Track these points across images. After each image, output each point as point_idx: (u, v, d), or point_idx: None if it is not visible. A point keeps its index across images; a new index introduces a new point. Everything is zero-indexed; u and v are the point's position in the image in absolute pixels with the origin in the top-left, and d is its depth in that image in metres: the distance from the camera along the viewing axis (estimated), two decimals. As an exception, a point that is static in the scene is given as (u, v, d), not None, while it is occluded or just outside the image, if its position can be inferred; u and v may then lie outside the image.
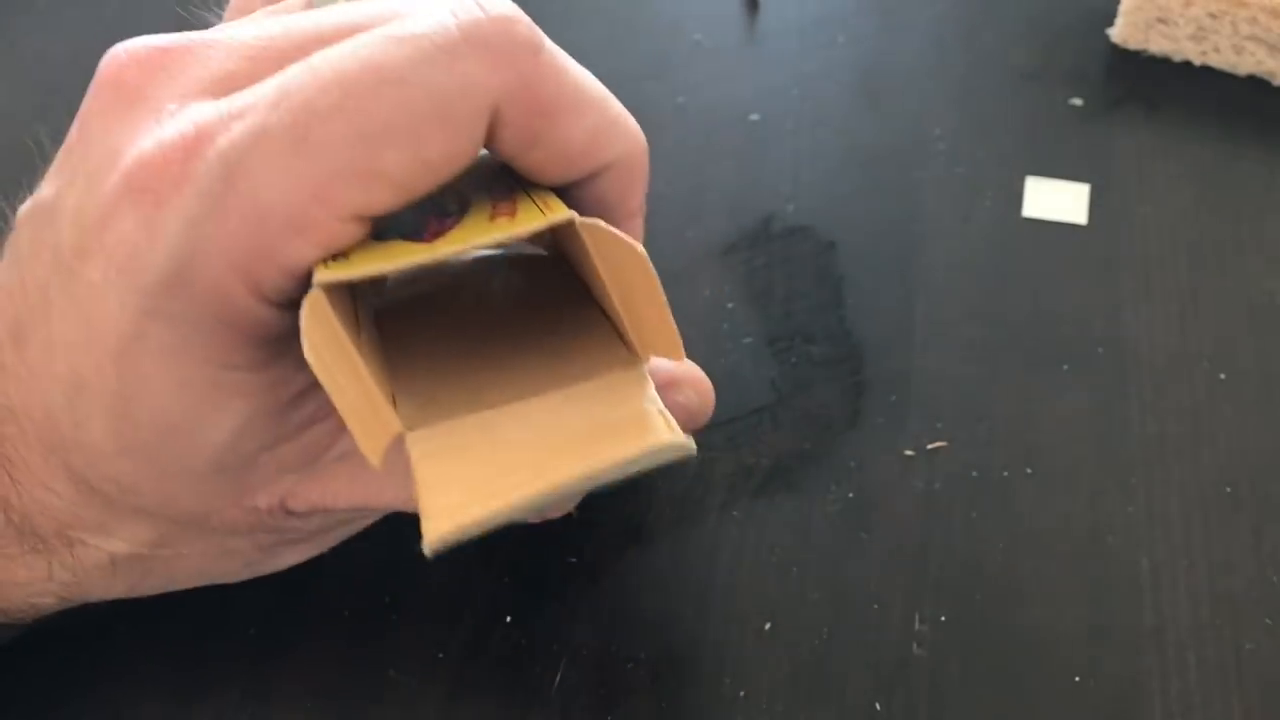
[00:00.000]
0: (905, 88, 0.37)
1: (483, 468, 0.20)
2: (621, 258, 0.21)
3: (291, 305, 0.20)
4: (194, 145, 0.20)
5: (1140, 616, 0.26)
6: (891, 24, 0.40)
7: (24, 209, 0.22)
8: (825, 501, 0.28)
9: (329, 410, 0.23)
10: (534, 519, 0.26)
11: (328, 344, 0.19)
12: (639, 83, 0.37)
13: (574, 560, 0.27)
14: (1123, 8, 0.37)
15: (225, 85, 0.21)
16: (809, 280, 0.33)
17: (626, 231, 0.22)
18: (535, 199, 0.21)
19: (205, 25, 0.24)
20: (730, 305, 0.32)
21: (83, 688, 0.26)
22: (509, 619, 0.26)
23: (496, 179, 0.23)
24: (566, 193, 0.22)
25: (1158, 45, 0.38)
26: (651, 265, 0.21)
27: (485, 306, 0.25)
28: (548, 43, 0.21)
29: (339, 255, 0.20)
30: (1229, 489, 0.28)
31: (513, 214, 0.21)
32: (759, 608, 0.26)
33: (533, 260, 0.26)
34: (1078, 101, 0.37)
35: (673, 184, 0.35)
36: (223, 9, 0.28)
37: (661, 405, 0.21)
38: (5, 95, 0.39)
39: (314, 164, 0.19)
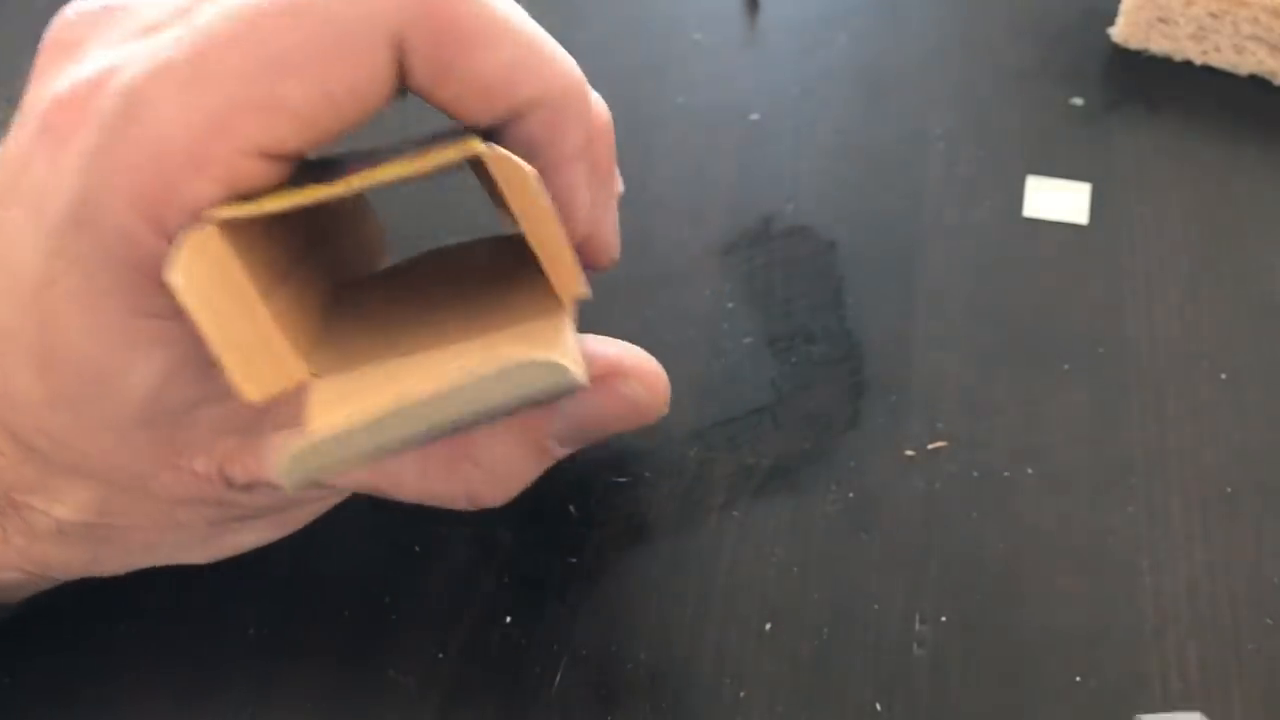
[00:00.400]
0: (906, 87, 0.37)
1: (358, 401, 0.19)
2: (516, 183, 0.20)
3: None
4: (100, 80, 0.19)
5: (1141, 617, 0.26)
6: (892, 23, 0.39)
7: None
8: (825, 501, 0.28)
9: None
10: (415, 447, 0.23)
11: (216, 280, 0.19)
12: (639, 82, 0.37)
13: (574, 560, 0.27)
14: (1123, 7, 0.37)
15: (154, 32, 0.21)
16: (809, 280, 0.33)
17: (565, 177, 0.22)
18: (460, 139, 0.21)
19: None
20: (730, 305, 0.32)
21: (83, 688, 0.26)
22: (509, 619, 0.26)
23: (440, 136, 0.22)
24: (497, 137, 0.21)
25: (1158, 45, 0.38)
26: (542, 188, 0.20)
27: (460, 277, 0.25)
28: None
29: (250, 197, 0.20)
30: (1230, 489, 0.28)
31: (427, 151, 0.20)
32: (759, 608, 0.26)
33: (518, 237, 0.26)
34: (1078, 101, 0.37)
35: (673, 184, 0.35)
36: None
37: (571, 341, 0.20)
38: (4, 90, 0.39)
39: (211, 95, 0.19)
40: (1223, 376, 0.30)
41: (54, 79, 0.21)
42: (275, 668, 0.26)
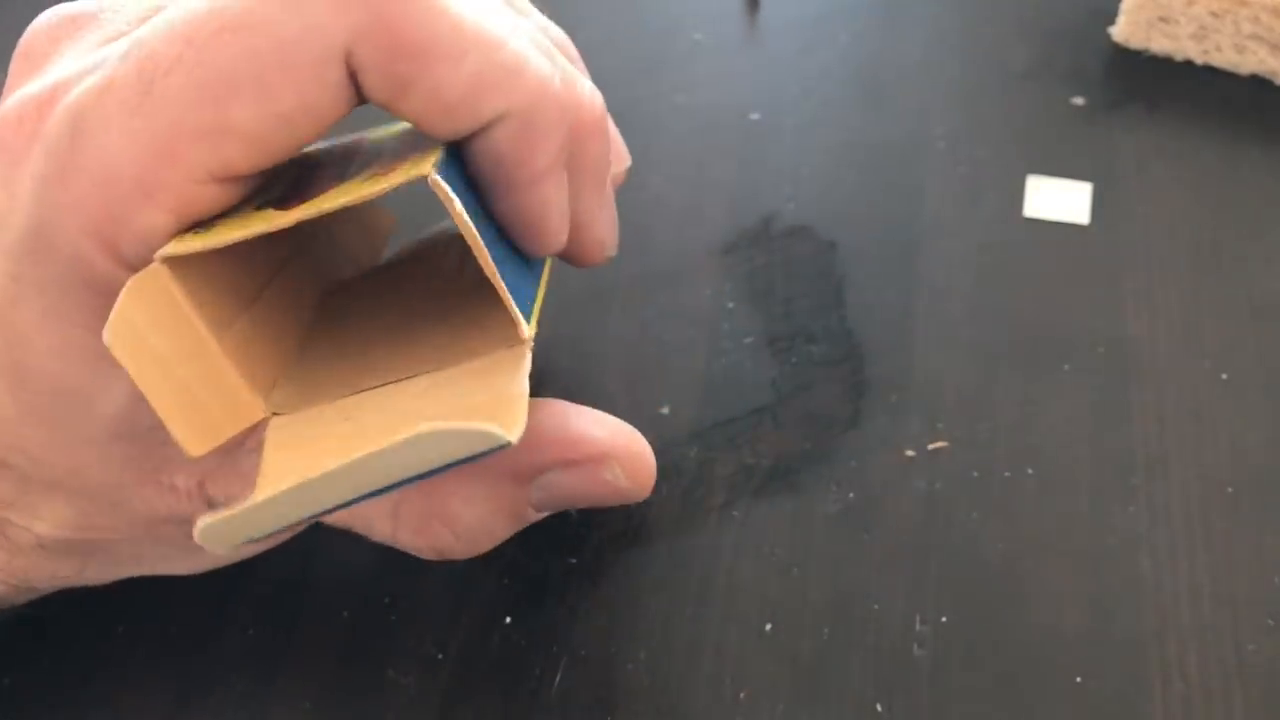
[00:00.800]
0: (906, 86, 0.37)
1: (311, 457, 0.18)
2: (457, 221, 0.19)
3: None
4: (47, 99, 0.19)
5: (1141, 617, 0.26)
6: (892, 22, 0.39)
7: None
8: (826, 502, 0.28)
9: None
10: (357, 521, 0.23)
11: (163, 320, 0.18)
12: (638, 81, 0.37)
13: (574, 560, 0.27)
14: (1124, 7, 0.37)
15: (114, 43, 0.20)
16: (809, 280, 0.33)
17: (531, 199, 0.21)
18: (421, 157, 0.20)
19: None
20: (730, 305, 0.32)
21: (83, 687, 0.26)
22: (509, 619, 0.26)
23: (416, 138, 0.21)
24: (466, 150, 0.20)
25: (1159, 44, 0.38)
26: (474, 228, 0.19)
27: (429, 286, 0.24)
28: None
29: (204, 224, 0.19)
30: (1231, 489, 0.28)
31: (386, 173, 0.19)
32: (759, 608, 0.26)
33: None
34: (1079, 101, 0.37)
35: (673, 184, 0.35)
36: None
37: (521, 389, 0.19)
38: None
39: (157, 120, 0.18)
40: (1224, 376, 0.30)
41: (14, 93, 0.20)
42: (275, 668, 0.26)
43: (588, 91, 0.22)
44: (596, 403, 0.24)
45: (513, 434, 0.18)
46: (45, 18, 0.22)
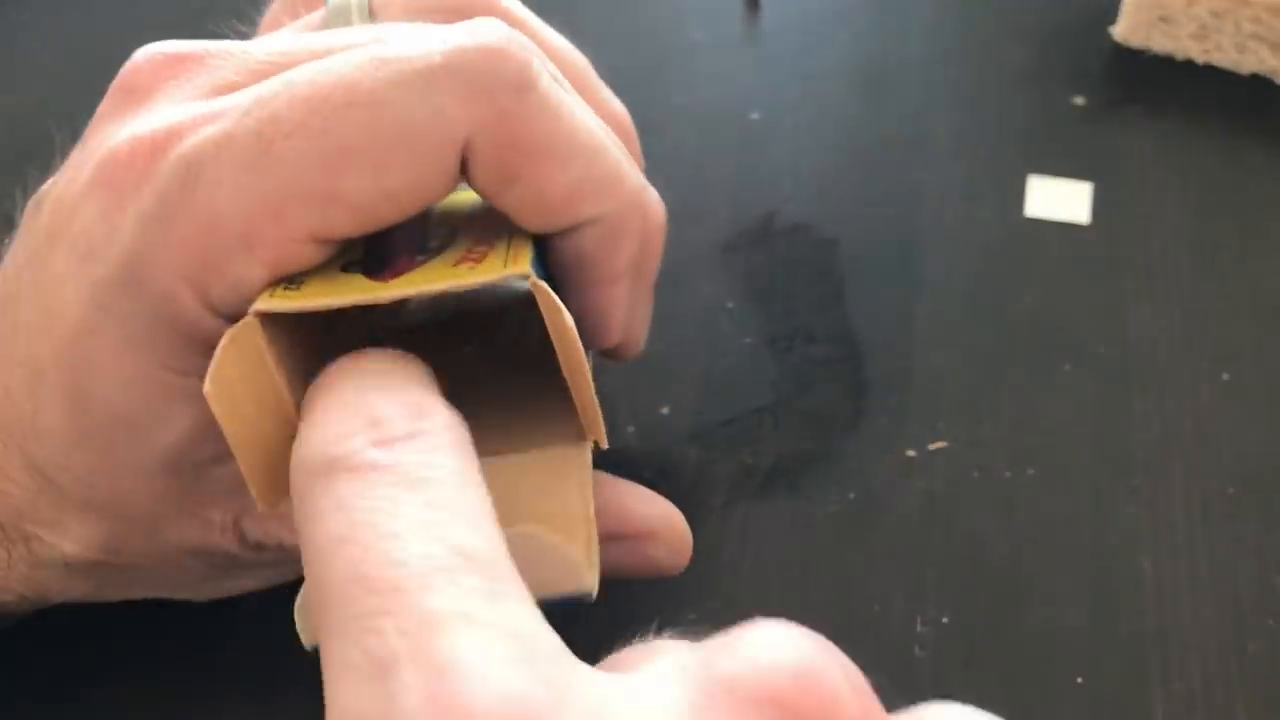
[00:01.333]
0: (906, 86, 0.37)
1: None
2: (557, 328, 0.19)
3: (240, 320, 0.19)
4: (162, 143, 0.19)
5: (1142, 618, 0.26)
6: (892, 22, 0.39)
7: (30, 201, 0.22)
8: (826, 502, 0.28)
9: None
10: None
11: (250, 374, 0.19)
12: (639, 82, 0.37)
13: (574, 561, 0.27)
14: (1125, 6, 0.37)
15: (225, 94, 0.20)
16: (809, 279, 0.32)
17: (605, 297, 0.22)
18: (511, 248, 0.20)
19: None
20: (730, 305, 0.32)
21: (83, 688, 0.26)
22: (508, 620, 0.26)
23: (489, 221, 0.22)
24: (550, 242, 0.21)
25: (1160, 44, 0.38)
26: (579, 342, 0.19)
27: (484, 353, 0.24)
28: (543, 82, 0.20)
29: (293, 279, 0.19)
30: (1231, 490, 0.28)
31: (479, 262, 0.20)
32: (759, 608, 0.26)
33: None
34: (1080, 100, 0.37)
35: (673, 183, 0.35)
36: (247, 28, 0.28)
37: (589, 513, 0.20)
38: (12, 89, 0.39)
39: (271, 180, 0.19)
40: (1224, 376, 0.30)
41: (116, 127, 0.21)
42: (275, 668, 0.26)
43: (655, 197, 0.23)
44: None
45: (593, 588, 0.19)
46: (148, 53, 0.22)
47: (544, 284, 0.19)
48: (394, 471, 0.16)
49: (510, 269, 0.19)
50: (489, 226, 0.22)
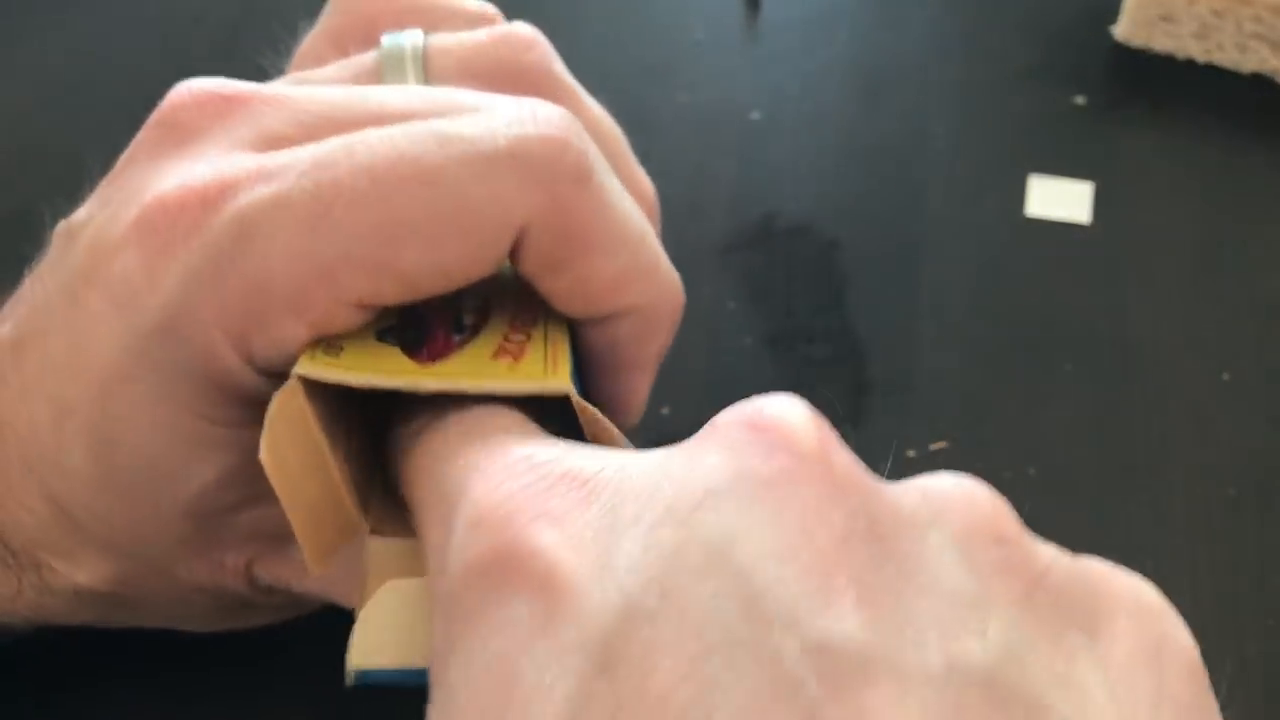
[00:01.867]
0: (907, 85, 0.37)
1: (422, 616, 0.19)
2: (604, 439, 0.20)
3: (277, 375, 0.20)
4: (214, 197, 0.19)
5: (1142, 618, 0.26)
6: (893, 21, 0.39)
7: (60, 226, 0.22)
8: (826, 502, 0.28)
9: None
10: None
11: (294, 436, 0.19)
12: (640, 81, 0.37)
13: (574, 561, 0.27)
14: (1126, 5, 0.37)
15: (273, 145, 0.20)
16: (810, 280, 0.32)
17: (634, 382, 0.23)
18: (548, 343, 0.21)
19: (261, 73, 0.23)
20: (730, 305, 0.32)
21: (83, 688, 0.26)
22: (508, 620, 0.26)
23: (523, 295, 0.22)
24: (584, 328, 0.22)
25: (1161, 43, 0.37)
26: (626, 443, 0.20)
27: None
28: (598, 174, 0.20)
29: (332, 341, 0.20)
30: (1232, 490, 0.28)
31: (518, 357, 0.20)
32: (759, 609, 0.26)
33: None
34: (1081, 100, 0.37)
35: (673, 183, 0.35)
36: (281, 59, 0.28)
37: None
38: (6, 89, 0.39)
39: (325, 246, 0.19)
40: (1225, 377, 0.30)
41: (159, 168, 0.20)
42: (275, 668, 0.26)
43: (678, 279, 0.23)
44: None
45: None
46: (191, 89, 0.21)
47: (590, 408, 0.19)
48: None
49: (550, 380, 0.20)
50: (523, 304, 0.22)
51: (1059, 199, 0.34)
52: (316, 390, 0.19)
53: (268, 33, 0.28)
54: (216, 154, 0.20)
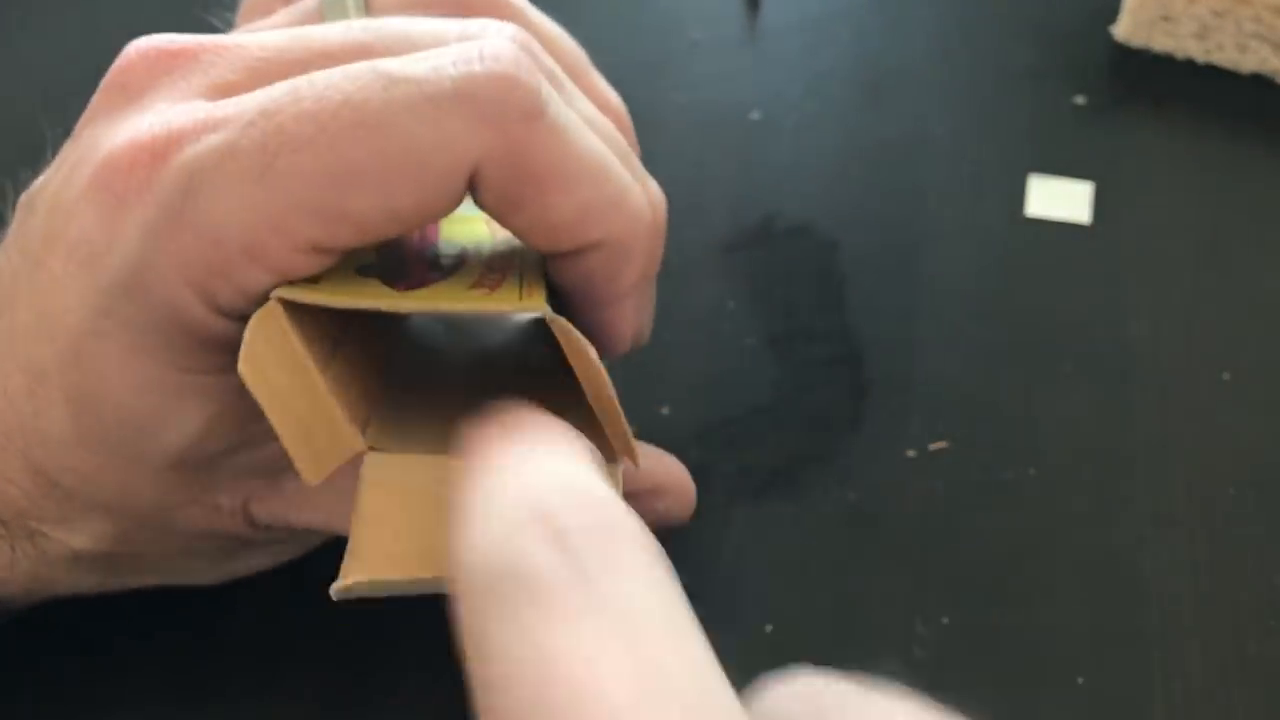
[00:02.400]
0: (907, 85, 0.37)
1: (418, 524, 0.20)
2: (582, 363, 0.20)
3: (247, 320, 0.19)
4: (162, 149, 0.19)
5: (1143, 618, 0.26)
6: (893, 21, 0.39)
7: (21, 198, 0.22)
8: (825, 501, 0.28)
9: None
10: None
11: (278, 356, 0.19)
12: (640, 81, 0.37)
13: (574, 561, 0.27)
14: (1126, 5, 0.37)
15: (223, 93, 0.20)
16: (810, 280, 0.32)
17: (613, 314, 0.23)
18: (524, 276, 0.21)
19: (211, 29, 0.23)
20: (730, 305, 0.32)
21: (83, 688, 0.26)
22: (508, 620, 0.26)
23: (501, 242, 0.22)
24: (556, 263, 0.22)
25: (1161, 43, 0.37)
26: (604, 372, 0.20)
27: (518, 374, 0.25)
28: (550, 109, 0.20)
29: (306, 282, 0.20)
30: (1232, 490, 0.28)
31: (493, 288, 0.20)
32: (759, 609, 0.26)
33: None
34: (1081, 100, 0.37)
35: (673, 184, 0.35)
36: (234, 13, 0.28)
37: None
38: (6, 88, 0.39)
39: (275, 194, 0.19)
40: (1225, 376, 0.30)
41: (111, 126, 0.20)
42: (275, 668, 0.26)
43: (656, 192, 0.23)
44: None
45: None
46: (140, 48, 0.21)
47: (565, 323, 0.19)
48: (579, 587, 0.14)
49: (526, 302, 0.20)
50: (498, 250, 0.22)
51: (1059, 199, 0.34)
52: (298, 314, 0.19)
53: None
54: (165, 106, 0.20)
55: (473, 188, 0.20)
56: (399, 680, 0.26)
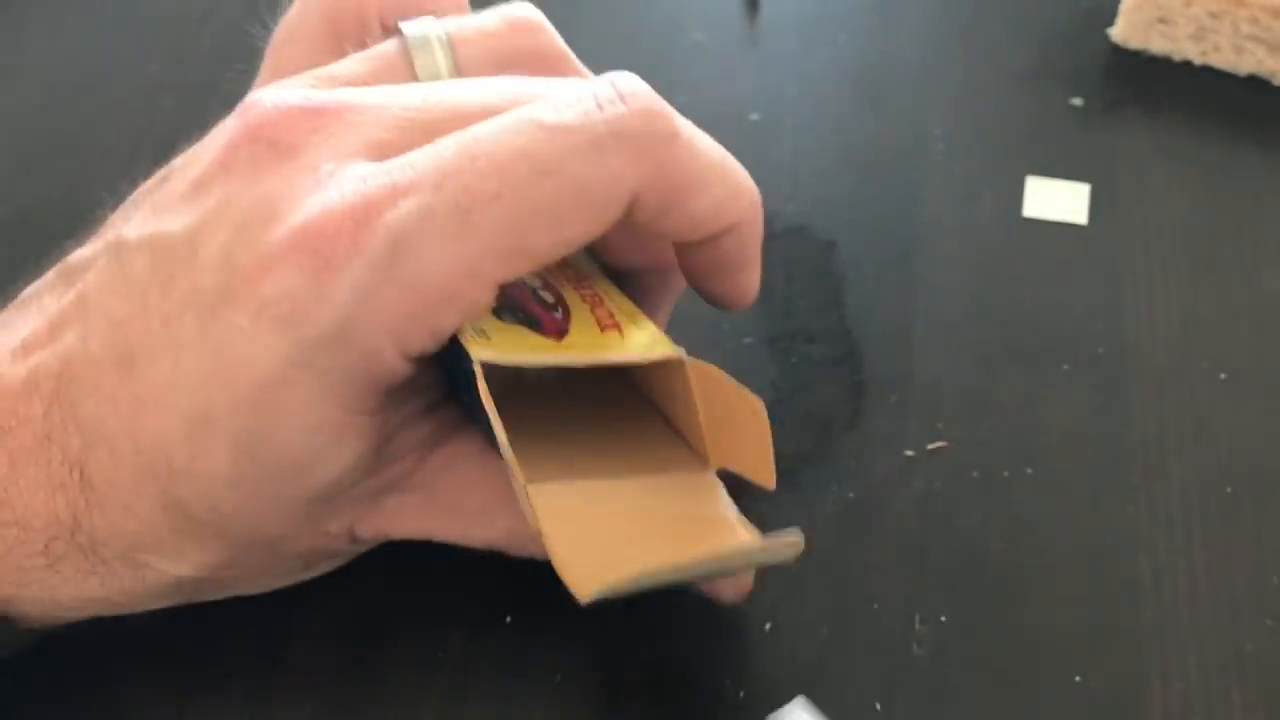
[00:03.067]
0: (905, 87, 0.37)
1: (607, 535, 0.23)
2: (729, 401, 0.24)
3: (422, 360, 0.22)
4: (364, 217, 0.21)
5: (1140, 617, 0.26)
6: (892, 23, 0.40)
7: (140, 233, 0.23)
8: (825, 502, 0.28)
9: (410, 447, 0.25)
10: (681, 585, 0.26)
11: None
12: (639, 82, 0.37)
13: (574, 560, 0.27)
14: (1123, 7, 0.37)
15: (381, 152, 0.22)
16: (809, 280, 0.33)
17: (746, 277, 0.26)
18: (614, 301, 0.25)
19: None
20: (730, 305, 0.32)
21: (83, 688, 0.26)
22: (509, 619, 0.26)
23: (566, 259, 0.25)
24: (690, 248, 0.25)
25: (1158, 45, 0.38)
26: (765, 412, 0.24)
27: (561, 381, 0.27)
28: (683, 129, 0.22)
29: (489, 337, 0.22)
30: (1229, 489, 0.28)
31: (618, 328, 0.24)
32: (759, 608, 0.26)
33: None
34: (1078, 101, 0.37)
35: (673, 184, 0.35)
36: (257, 30, 0.28)
37: (739, 514, 0.25)
38: (6, 91, 0.39)
39: (473, 245, 0.21)
40: (1222, 376, 0.30)
41: (285, 190, 0.22)
42: (276, 668, 0.26)
43: (753, 183, 0.25)
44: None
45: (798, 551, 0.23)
46: (275, 102, 0.23)
47: (711, 367, 0.24)
48: None
49: (663, 351, 0.24)
50: (565, 270, 0.26)
51: (1056, 200, 0.34)
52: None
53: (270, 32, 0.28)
54: (331, 167, 0.22)
55: (630, 208, 0.22)
56: (399, 680, 0.26)
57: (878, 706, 0.25)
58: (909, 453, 0.29)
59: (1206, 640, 0.26)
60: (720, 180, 0.23)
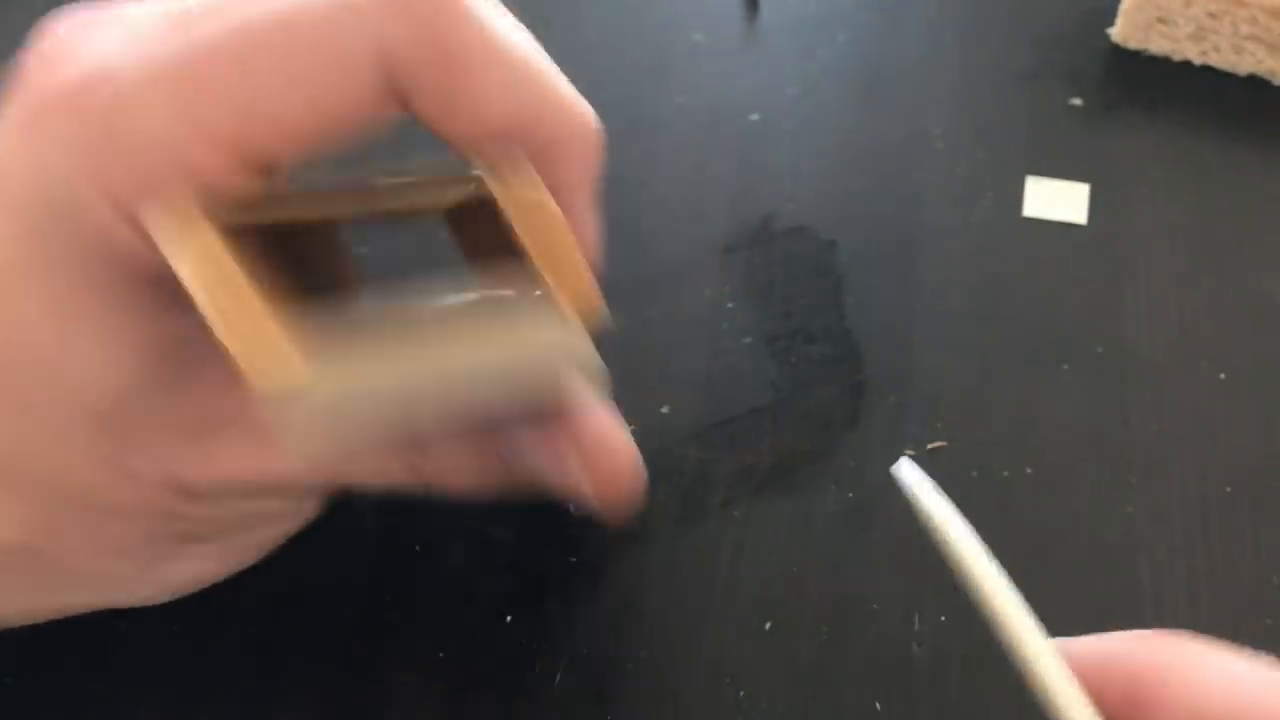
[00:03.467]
0: (905, 87, 0.37)
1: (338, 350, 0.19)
2: (530, 209, 0.20)
3: None
4: (88, 81, 0.19)
5: (1140, 617, 0.26)
6: (891, 23, 0.40)
7: None
8: (825, 501, 0.28)
9: (229, 380, 0.21)
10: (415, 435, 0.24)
11: (217, 276, 0.19)
12: (639, 82, 0.37)
13: (574, 560, 0.27)
14: (1123, 7, 0.37)
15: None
16: (809, 280, 0.33)
17: (579, 210, 0.22)
18: (464, 179, 0.21)
19: None
20: (730, 305, 0.32)
21: (83, 688, 0.26)
22: (509, 619, 0.26)
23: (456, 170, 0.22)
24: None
25: (1158, 45, 0.38)
26: (558, 209, 0.20)
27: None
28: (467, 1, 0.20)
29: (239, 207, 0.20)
30: (1229, 489, 0.28)
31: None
32: (759, 608, 0.26)
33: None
34: (1077, 101, 0.37)
35: (673, 184, 0.35)
36: None
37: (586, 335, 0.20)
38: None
39: (200, 103, 0.19)
40: (1221, 376, 0.30)
41: (31, 68, 0.20)
42: (275, 668, 0.26)
43: (589, 111, 0.23)
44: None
45: (597, 361, 0.19)
46: (61, 22, 0.21)
47: (512, 176, 0.20)
48: None
49: (467, 185, 0.20)
50: (438, 171, 0.22)
51: (1055, 200, 0.34)
52: (235, 246, 0.19)
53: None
54: (79, 35, 0.20)
55: (403, 93, 0.20)
56: (399, 680, 0.26)
57: (878, 706, 0.25)
58: (909, 452, 0.29)
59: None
60: (521, 72, 0.20)
